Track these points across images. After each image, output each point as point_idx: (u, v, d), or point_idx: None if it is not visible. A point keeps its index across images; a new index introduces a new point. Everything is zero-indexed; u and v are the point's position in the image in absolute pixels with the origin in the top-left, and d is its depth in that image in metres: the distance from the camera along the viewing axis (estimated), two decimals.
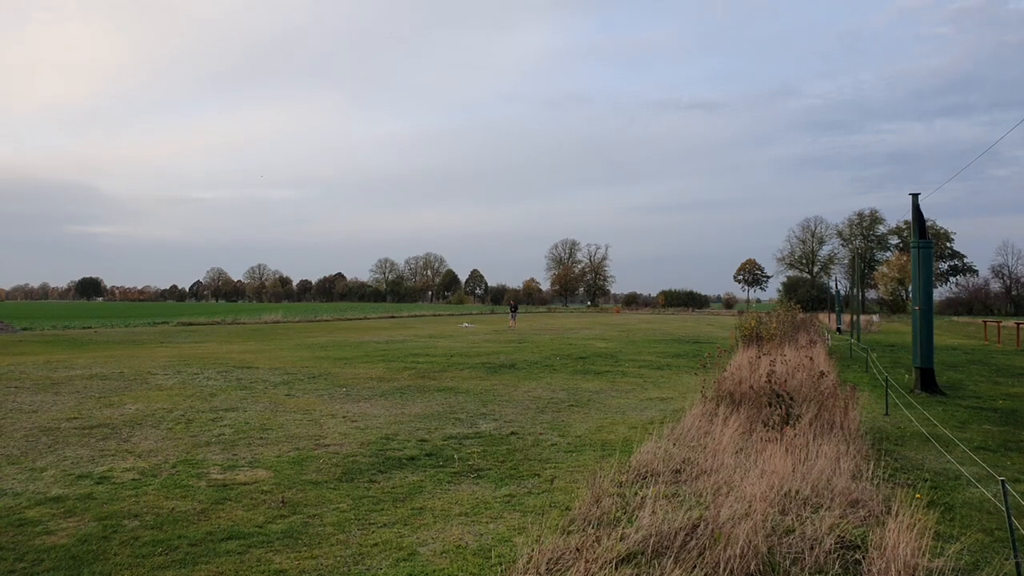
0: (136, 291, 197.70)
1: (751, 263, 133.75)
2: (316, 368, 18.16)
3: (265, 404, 12.27)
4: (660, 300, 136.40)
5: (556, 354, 22.63)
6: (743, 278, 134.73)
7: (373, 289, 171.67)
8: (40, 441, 9.19)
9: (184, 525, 5.84)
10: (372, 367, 18.47)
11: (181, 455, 8.41)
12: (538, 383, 15.40)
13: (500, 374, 17.07)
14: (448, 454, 8.51)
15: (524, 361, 20.13)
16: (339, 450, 8.72)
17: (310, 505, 6.45)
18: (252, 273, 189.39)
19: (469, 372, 17.37)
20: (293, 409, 11.78)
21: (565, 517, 5.77)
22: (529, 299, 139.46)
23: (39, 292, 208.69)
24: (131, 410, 11.56)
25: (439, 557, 5.17)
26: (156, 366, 18.38)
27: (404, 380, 15.73)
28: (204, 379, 15.73)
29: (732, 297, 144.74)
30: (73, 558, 5.09)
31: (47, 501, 6.53)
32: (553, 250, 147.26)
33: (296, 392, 13.80)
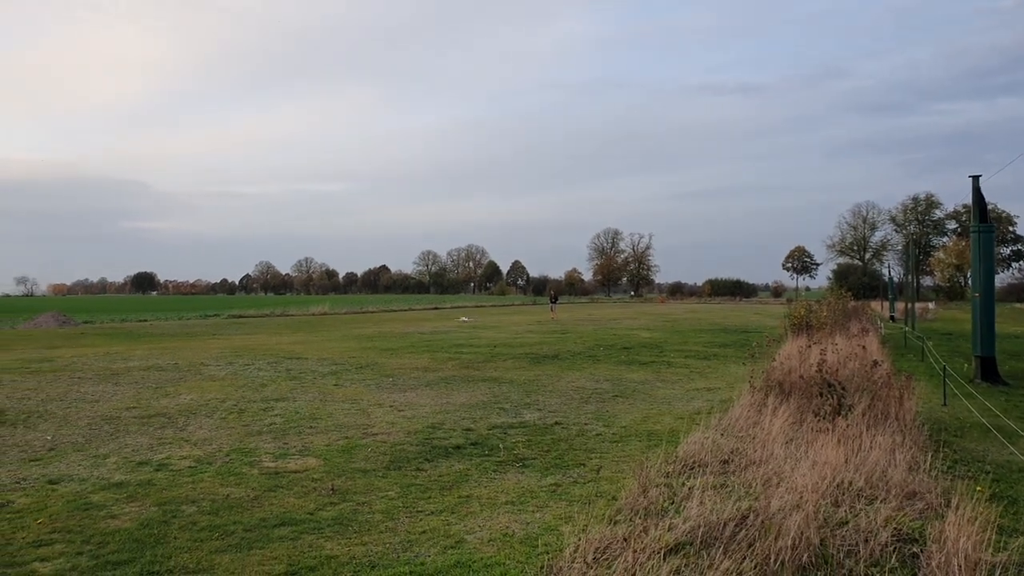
0: (188, 285, 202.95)
1: (800, 250, 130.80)
2: (363, 358, 18.42)
3: (314, 394, 12.50)
4: (706, 289, 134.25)
5: (600, 344, 22.52)
6: (792, 266, 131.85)
7: (416, 281, 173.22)
8: (103, 429, 9.52)
9: (239, 511, 6.00)
10: (417, 357, 18.66)
11: (234, 444, 8.63)
12: (582, 373, 15.36)
13: (543, 364, 17.07)
14: (493, 443, 8.55)
15: (567, 352, 20.09)
16: (387, 439, 8.84)
17: (359, 493, 6.55)
18: (299, 266, 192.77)
19: (512, 362, 17.42)
20: (341, 399, 11.97)
21: (611, 507, 5.74)
22: (571, 290, 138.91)
23: (98, 287, 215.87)
24: (186, 400, 11.90)
25: (486, 545, 5.20)
26: (209, 357, 18.87)
27: (449, 370, 15.85)
28: (255, 370, 16.10)
29: (780, 285, 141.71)
30: (136, 541, 5.28)
31: (110, 486, 6.78)
32: (595, 240, 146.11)
33: (344, 382, 14.02)
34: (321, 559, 4.92)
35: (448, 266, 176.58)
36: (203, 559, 4.93)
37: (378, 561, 4.89)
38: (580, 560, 4.58)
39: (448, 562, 4.86)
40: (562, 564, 4.61)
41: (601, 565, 4.50)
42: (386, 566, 4.80)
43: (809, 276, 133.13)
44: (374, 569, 4.75)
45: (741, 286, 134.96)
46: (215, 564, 4.84)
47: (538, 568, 4.65)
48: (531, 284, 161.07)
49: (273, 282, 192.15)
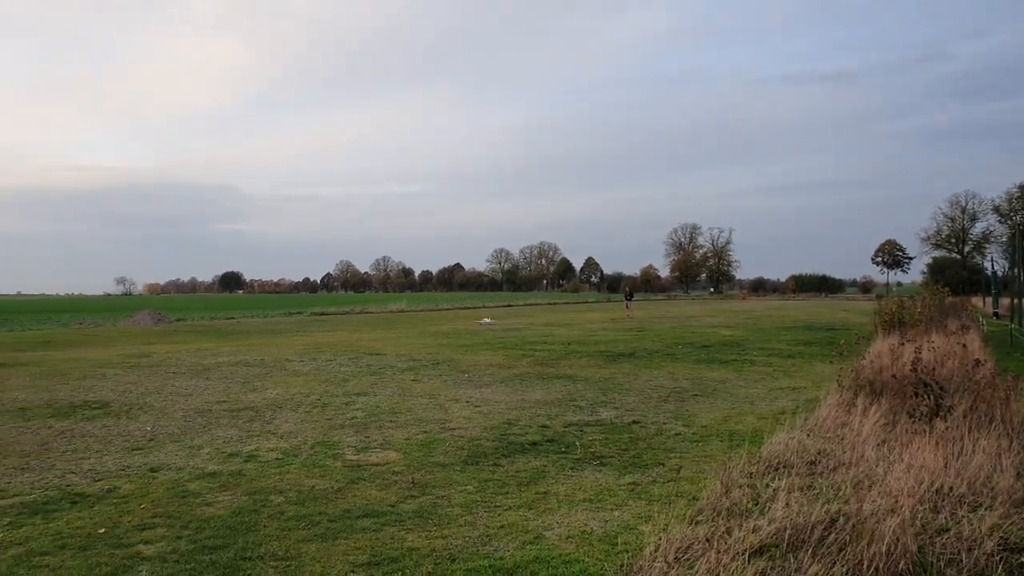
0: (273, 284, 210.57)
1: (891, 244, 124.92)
2: (439, 355, 18.70)
3: (393, 389, 12.77)
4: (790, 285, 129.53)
5: (678, 342, 22.13)
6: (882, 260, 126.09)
7: (490, 278, 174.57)
8: (196, 422, 10.00)
9: (323, 502, 6.19)
10: (492, 354, 18.79)
11: (318, 437, 8.90)
12: (660, 372, 15.13)
13: (619, 362, 16.89)
14: (570, 441, 8.53)
15: (644, 350, 19.82)
16: (464, 434, 8.94)
17: (438, 486, 6.65)
18: (377, 265, 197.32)
19: (587, 360, 17.32)
20: (419, 394, 12.19)
21: (692, 507, 5.63)
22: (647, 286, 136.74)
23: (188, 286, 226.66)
24: (272, 394, 12.36)
25: (565, 542, 5.19)
26: (293, 354, 19.54)
27: (523, 367, 15.89)
28: (337, 366, 16.57)
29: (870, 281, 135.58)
30: (229, 528, 5.52)
31: (204, 476, 7.11)
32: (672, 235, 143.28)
33: (422, 378, 14.27)
34: (403, 551, 5.02)
35: (521, 264, 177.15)
36: (291, 547, 5.11)
37: (458, 554, 4.95)
38: (661, 559, 4.51)
39: (527, 557, 4.87)
40: (642, 563, 4.55)
41: (683, 565, 4.42)
42: (465, 559, 4.85)
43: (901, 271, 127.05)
44: (454, 562, 4.81)
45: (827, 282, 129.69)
46: (302, 552, 5.00)
47: (617, 566, 4.61)
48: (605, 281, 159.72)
49: (353, 280, 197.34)
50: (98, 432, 9.32)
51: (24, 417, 10.41)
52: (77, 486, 6.81)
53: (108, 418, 10.30)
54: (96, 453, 8.17)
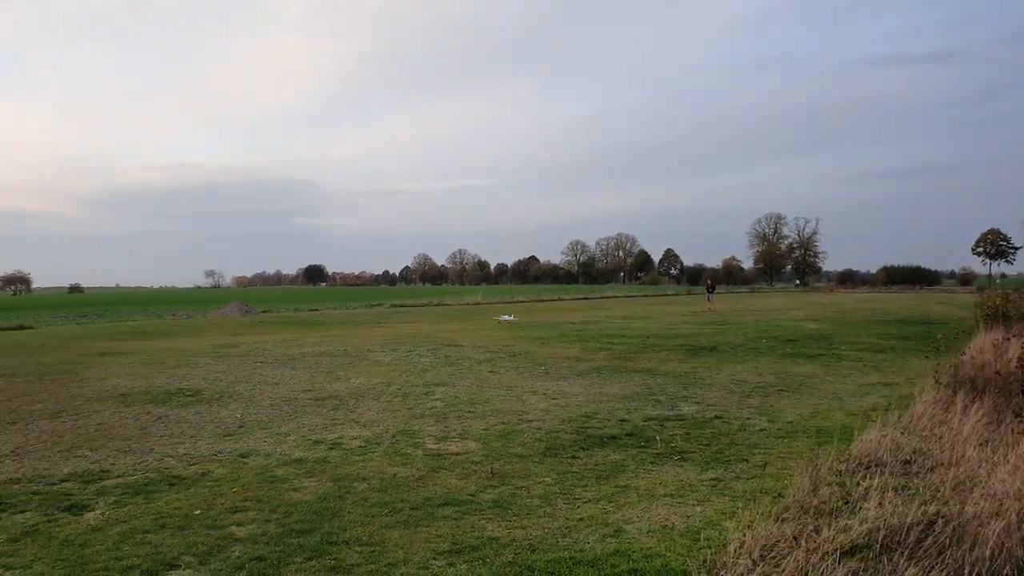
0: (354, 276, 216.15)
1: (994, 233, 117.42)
2: (515, 347, 18.77)
3: (471, 380, 12.90)
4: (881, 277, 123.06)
5: (762, 336, 21.48)
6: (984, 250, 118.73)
7: (565, 271, 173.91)
8: (283, 410, 10.38)
9: (405, 490, 6.31)
10: (568, 347, 18.73)
11: (400, 426, 9.09)
12: (743, 366, 14.73)
13: (701, 356, 16.54)
14: (649, 435, 8.41)
15: (726, 343, 19.33)
16: (541, 426, 8.95)
17: (517, 477, 6.68)
18: (454, 258, 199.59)
19: (667, 354, 17.03)
20: (497, 385, 12.27)
21: (778, 504, 5.46)
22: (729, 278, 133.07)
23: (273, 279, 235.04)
24: (355, 384, 12.69)
25: (645, 536, 5.12)
26: (374, 344, 20.01)
27: (600, 360, 15.77)
28: (416, 356, 16.88)
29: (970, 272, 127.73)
30: (315, 513, 5.71)
31: (291, 462, 7.37)
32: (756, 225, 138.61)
33: (499, 369, 14.36)
34: (483, 539, 5.07)
35: (597, 256, 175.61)
36: (375, 533, 5.23)
37: (538, 545, 4.96)
38: (746, 556, 4.39)
39: (607, 550, 4.83)
40: (726, 560, 4.44)
41: (768, 563, 4.29)
42: (545, 550, 4.86)
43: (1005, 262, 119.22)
44: (534, 552, 4.82)
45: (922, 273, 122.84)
46: (386, 539, 5.12)
47: (700, 562, 4.52)
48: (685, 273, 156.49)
49: (430, 273, 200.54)
50: (192, 418, 9.80)
51: (125, 403, 11.04)
52: (174, 469, 7.18)
53: (201, 405, 10.81)
54: (190, 438, 8.59)
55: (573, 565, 4.60)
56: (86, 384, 13.10)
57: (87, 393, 12.03)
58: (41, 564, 4.75)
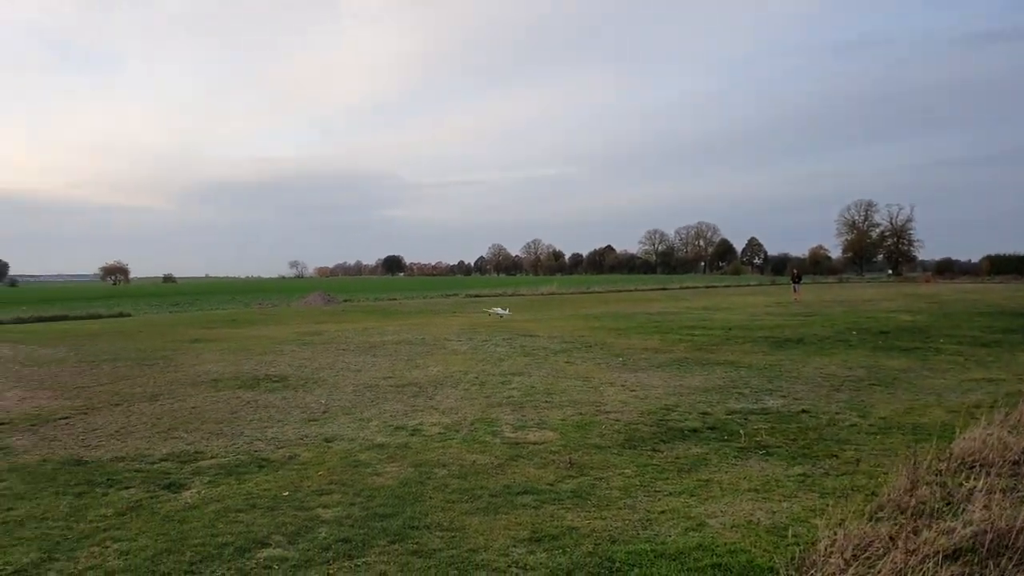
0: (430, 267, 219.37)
1: None
2: (592, 338, 18.64)
3: (547, 370, 12.88)
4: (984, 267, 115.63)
5: (851, 328, 20.60)
6: None
7: (642, 261, 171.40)
8: (365, 396, 10.63)
9: (484, 477, 6.35)
10: (646, 338, 18.45)
11: (477, 414, 9.16)
12: (831, 359, 14.15)
13: (786, 349, 15.99)
14: (733, 428, 8.18)
15: (813, 336, 18.63)
16: (620, 417, 8.84)
17: (596, 468, 6.61)
18: (528, 248, 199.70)
19: (750, 346, 16.55)
20: (573, 376, 12.20)
21: (872, 503, 5.21)
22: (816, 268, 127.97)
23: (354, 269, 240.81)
24: (433, 372, 12.88)
25: (729, 530, 4.98)
26: (451, 333, 20.28)
27: (680, 352, 15.47)
28: (492, 346, 16.99)
29: None
30: (397, 497, 5.81)
31: (374, 447, 7.54)
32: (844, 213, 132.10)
33: (575, 360, 14.28)
34: (563, 529, 5.04)
35: (676, 245, 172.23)
36: (455, 519, 5.28)
37: (618, 536, 4.89)
38: (837, 555, 4.20)
39: (690, 543, 4.72)
40: (815, 558, 4.27)
41: (862, 563, 4.10)
42: (626, 541, 4.78)
43: None
44: (614, 543, 4.76)
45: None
46: (466, 525, 5.16)
47: (788, 559, 4.36)
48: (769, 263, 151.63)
49: (505, 263, 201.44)
50: (279, 403, 10.16)
51: (216, 388, 11.55)
52: (263, 452, 7.45)
53: (287, 391, 11.19)
54: (278, 423, 8.90)
55: (655, 558, 4.51)
56: (180, 369, 13.78)
57: (182, 378, 12.65)
58: (145, 538, 5.01)
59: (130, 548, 4.81)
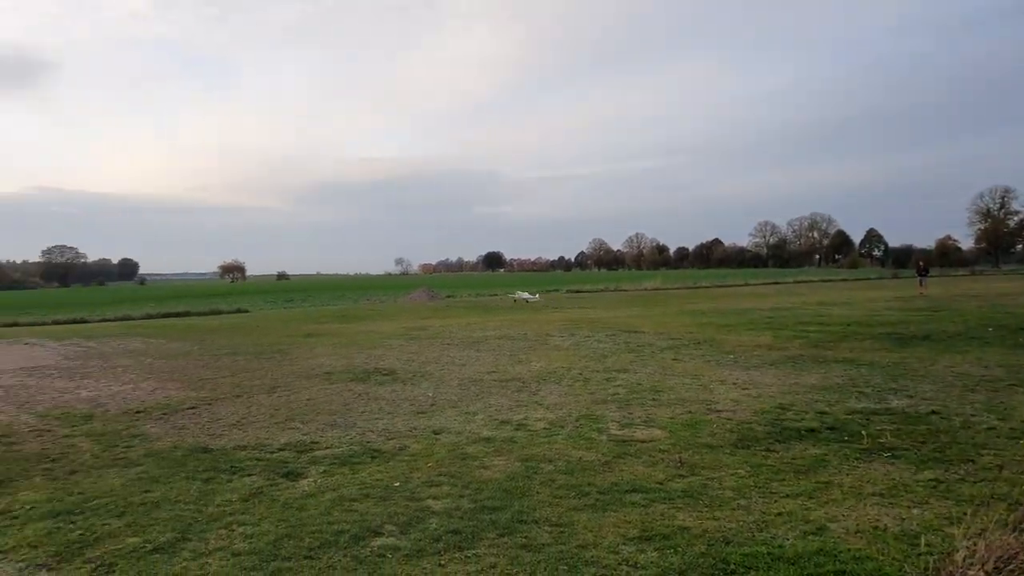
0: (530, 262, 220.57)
1: None
2: (700, 334, 18.14)
3: (654, 367, 12.63)
4: None
5: (987, 324, 19.05)
6: None
7: (752, 254, 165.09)
8: (470, 390, 10.78)
9: (591, 474, 6.29)
10: (758, 335, 17.77)
11: (582, 410, 9.09)
12: (964, 357, 13.13)
13: (911, 346, 14.98)
14: (854, 429, 7.73)
15: (942, 332, 17.36)
16: (731, 416, 8.54)
17: (707, 468, 6.41)
18: (630, 242, 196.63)
19: (871, 343, 15.61)
20: (681, 373, 11.91)
21: (1015, 512, 4.78)
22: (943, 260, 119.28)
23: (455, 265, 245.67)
24: (536, 367, 12.90)
25: (853, 536, 4.71)
26: (553, 329, 20.27)
27: (795, 349, 14.79)
28: (595, 342, 16.85)
29: None
30: (505, 491, 5.85)
31: (480, 440, 7.63)
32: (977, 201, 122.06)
33: (683, 357, 13.94)
34: (674, 528, 4.91)
35: (788, 237, 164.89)
36: (563, 515, 5.26)
37: (732, 537, 4.72)
38: (977, 567, 3.89)
39: (810, 548, 4.49)
40: (952, 569, 3.97)
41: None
42: (741, 543, 4.61)
43: None
44: (728, 545, 4.59)
45: None
46: (574, 521, 5.12)
47: (920, 569, 4.08)
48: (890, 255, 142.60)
49: (606, 258, 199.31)
50: (388, 396, 10.46)
51: (330, 380, 12.04)
52: (375, 443, 7.70)
53: (396, 384, 11.52)
54: (388, 415, 9.17)
55: (772, 561, 4.32)
56: (296, 363, 14.46)
57: (297, 371, 13.27)
58: (267, 523, 5.27)
59: (254, 532, 5.08)
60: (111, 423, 9.07)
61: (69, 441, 8.11)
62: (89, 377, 13.11)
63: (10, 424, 9.09)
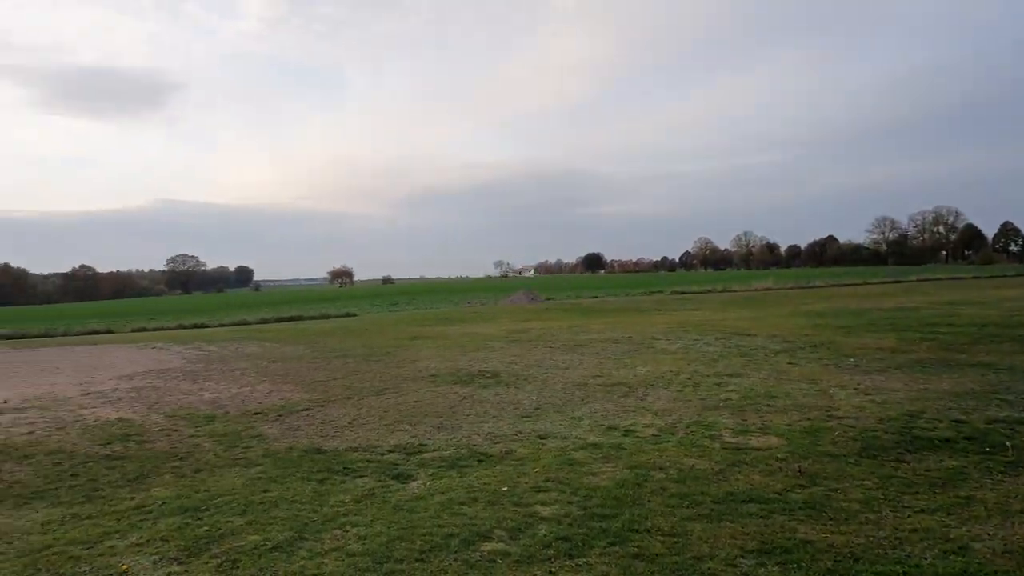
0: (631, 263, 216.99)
1: None
2: (816, 336, 17.25)
3: (767, 371, 12.10)
4: None
5: None
6: None
7: (870, 251, 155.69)
8: (574, 394, 10.67)
9: (704, 483, 6.05)
10: (880, 337, 16.70)
11: (693, 416, 8.80)
12: None
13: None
14: (996, 439, 7.09)
15: None
16: (854, 423, 8.03)
17: (829, 478, 6.05)
18: (738, 241, 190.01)
19: (1012, 345, 14.34)
20: (797, 378, 11.34)
21: None
22: None
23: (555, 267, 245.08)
24: (642, 372, 12.63)
25: (1000, 557, 4.31)
26: (658, 332, 19.82)
27: (922, 352, 13.79)
28: (704, 345, 16.34)
29: None
30: (615, 499, 5.72)
31: (587, 446, 7.51)
32: None
33: (798, 360, 13.28)
34: (795, 542, 4.64)
35: (910, 233, 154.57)
36: (676, 524, 5.07)
37: (861, 554, 4.41)
38: None
39: (951, 569, 4.14)
40: None
41: None
42: (872, 561, 4.30)
43: None
44: (857, 562, 4.29)
45: None
46: (688, 531, 4.93)
47: None
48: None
49: (712, 258, 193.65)
50: (492, 399, 10.51)
51: (435, 383, 12.23)
52: (481, 446, 7.73)
53: (499, 387, 11.56)
54: (493, 418, 9.20)
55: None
56: (402, 365, 14.81)
57: (404, 373, 13.58)
58: (379, 524, 5.38)
59: (367, 533, 5.19)
60: (231, 423, 9.56)
61: (194, 440, 8.61)
62: (210, 379, 13.91)
63: (142, 423, 9.75)
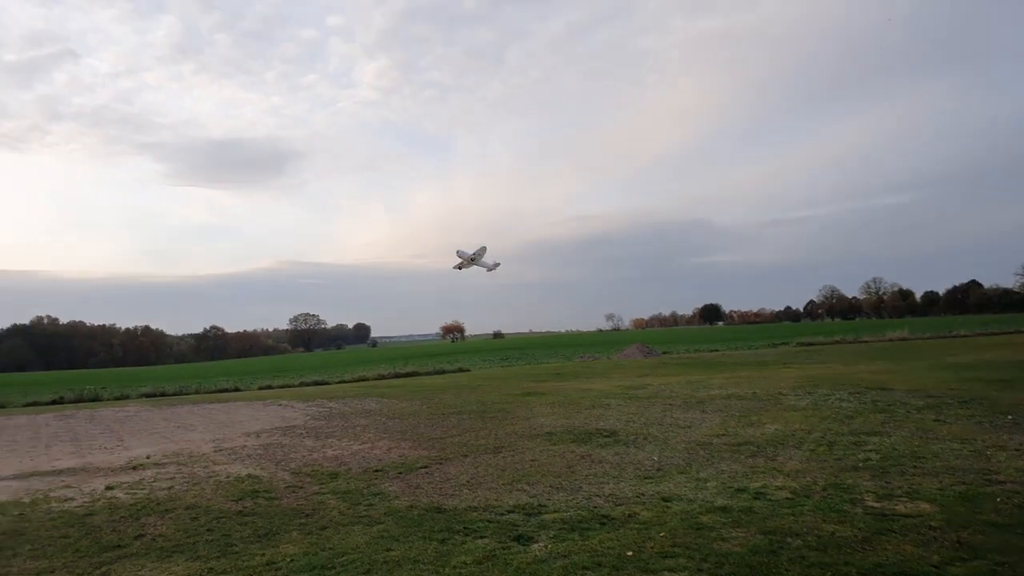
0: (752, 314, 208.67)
1: None
2: (965, 391, 15.79)
3: (911, 429, 11.13)
4: None
5: None
6: None
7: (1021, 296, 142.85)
8: (698, 454, 10.19)
9: (847, 552, 5.56)
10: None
11: (829, 478, 8.18)
12: None
13: None
14: None
15: None
16: (1020, 489, 7.20)
17: (994, 550, 5.41)
18: (867, 288, 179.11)
19: None
20: (946, 436, 10.36)
21: None
22: None
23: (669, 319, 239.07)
24: (771, 430, 11.93)
25: None
26: (785, 387, 18.78)
27: None
28: (836, 400, 15.32)
29: None
30: (748, 566, 5.34)
31: (715, 509, 7.10)
32: None
33: (946, 417, 12.15)
34: None
35: None
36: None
37: None
38: None
39: None
40: None
41: None
42: None
43: None
44: None
45: None
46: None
47: None
48: None
49: (839, 306, 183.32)
50: (611, 459, 10.19)
51: (551, 441, 12.04)
52: (602, 508, 7.47)
53: (618, 446, 11.22)
54: (613, 479, 8.90)
55: None
56: (517, 422, 14.71)
57: (519, 430, 13.47)
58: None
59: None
60: (354, 481, 9.75)
61: (319, 498, 8.82)
62: (332, 436, 14.34)
63: (270, 480, 10.12)
